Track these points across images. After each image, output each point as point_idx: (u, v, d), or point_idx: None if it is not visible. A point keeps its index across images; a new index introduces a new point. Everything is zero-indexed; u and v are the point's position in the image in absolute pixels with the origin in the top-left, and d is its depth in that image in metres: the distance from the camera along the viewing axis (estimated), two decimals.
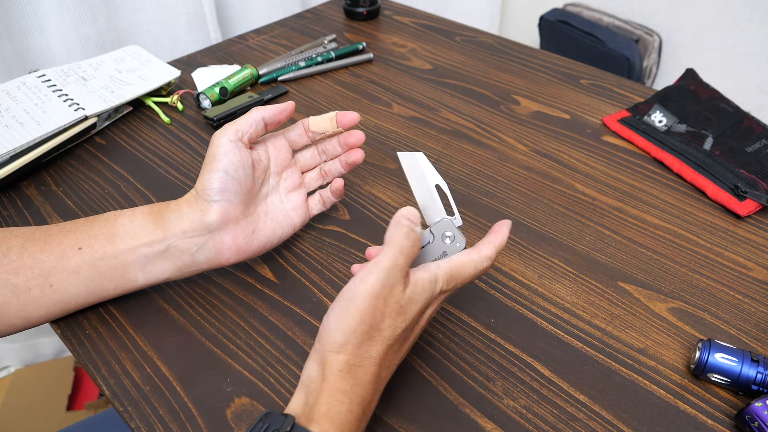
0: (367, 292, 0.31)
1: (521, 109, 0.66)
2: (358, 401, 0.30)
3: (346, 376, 0.30)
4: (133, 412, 0.36)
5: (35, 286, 0.38)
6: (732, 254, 0.48)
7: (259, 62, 0.74)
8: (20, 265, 0.38)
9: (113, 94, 0.62)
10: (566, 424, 0.36)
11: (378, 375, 0.32)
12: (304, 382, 0.31)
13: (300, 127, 0.45)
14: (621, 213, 0.52)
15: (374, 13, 0.86)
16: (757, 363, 0.37)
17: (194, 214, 0.39)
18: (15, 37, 0.83)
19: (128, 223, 0.40)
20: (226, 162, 0.39)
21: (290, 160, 0.46)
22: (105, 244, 0.39)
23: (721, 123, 0.59)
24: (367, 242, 0.49)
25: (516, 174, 0.57)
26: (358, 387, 0.31)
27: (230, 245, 0.41)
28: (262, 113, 0.42)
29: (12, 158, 0.52)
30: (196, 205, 0.40)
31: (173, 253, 0.40)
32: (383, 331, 0.31)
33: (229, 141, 0.40)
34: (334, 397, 0.30)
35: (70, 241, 0.39)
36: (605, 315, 0.43)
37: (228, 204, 0.40)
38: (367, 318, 0.31)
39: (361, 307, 0.31)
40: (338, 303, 0.31)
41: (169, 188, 0.54)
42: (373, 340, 0.31)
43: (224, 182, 0.39)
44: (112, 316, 0.42)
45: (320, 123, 0.45)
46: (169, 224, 0.39)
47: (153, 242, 0.39)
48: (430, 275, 0.33)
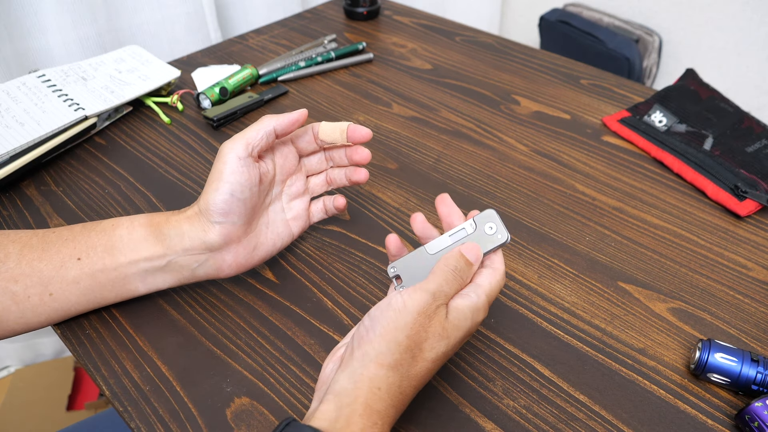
0: (414, 307, 0.31)
1: (521, 109, 0.66)
2: (389, 422, 0.30)
3: (383, 396, 0.30)
4: (133, 412, 0.36)
5: (34, 294, 0.38)
6: (732, 254, 0.48)
7: (259, 62, 0.74)
8: (18, 273, 0.38)
9: (113, 94, 0.62)
10: (566, 424, 0.36)
11: (409, 397, 0.32)
12: (336, 392, 0.30)
13: (309, 134, 0.44)
14: (621, 213, 0.52)
15: (374, 13, 0.86)
16: (757, 363, 0.37)
17: (195, 233, 0.38)
18: (15, 37, 0.83)
19: (126, 236, 0.39)
20: (233, 182, 0.38)
21: (296, 166, 0.45)
22: (104, 256, 0.38)
23: (721, 123, 0.59)
24: (367, 242, 0.49)
25: (516, 174, 0.57)
26: (391, 408, 0.30)
27: (230, 263, 0.40)
28: (274, 124, 0.40)
29: (12, 158, 0.52)
30: (198, 224, 0.38)
31: (174, 267, 0.40)
32: (424, 351, 0.31)
33: (238, 158, 0.38)
34: (369, 419, 0.29)
35: (69, 251, 0.38)
36: (605, 315, 0.43)
37: (231, 226, 0.39)
38: (413, 333, 0.30)
39: (408, 320, 0.31)
40: (386, 312, 0.31)
41: (169, 188, 0.54)
42: (414, 360, 0.31)
43: (229, 204, 0.38)
44: (112, 316, 0.42)
45: (330, 134, 0.43)
46: (170, 241, 0.38)
47: (153, 258, 0.39)
48: (471, 303, 0.33)
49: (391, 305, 0.31)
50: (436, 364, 0.32)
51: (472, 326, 0.33)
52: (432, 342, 0.31)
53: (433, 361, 0.32)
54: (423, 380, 0.32)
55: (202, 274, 0.41)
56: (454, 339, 0.32)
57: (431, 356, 0.31)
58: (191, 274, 0.40)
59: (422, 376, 0.32)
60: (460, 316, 0.32)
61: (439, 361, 0.32)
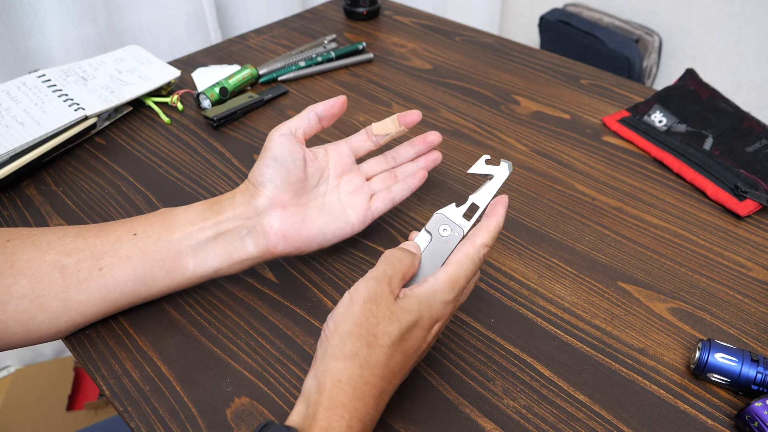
0: (359, 296, 0.32)
1: (521, 109, 0.66)
2: (358, 417, 0.30)
3: (345, 387, 0.30)
4: (133, 412, 0.36)
5: (84, 268, 0.38)
6: (732, 254, 0.48)
7: (259, 62, 0.74)
8: (73, 248, 0.39)
9: (113, 94, 0.62)
10: (566, 424, 0.36)
11: (380, 389, 0.31)
12: (305, 393, 0.31)
13: (363, 133, 0.47)
14: (621, 213, 0.52)
15: (374, 13, 0.86)
16: (757, 363, 0.37)
17: (244, 198, 0.41)
18: (15, 37, 0.83)
19: (183, 213, 0.41)
20: (276, 150, 0.41)
21: (352, 166, 0.46)
22: (160, 230, 0.40)
23: (721, 123, 0.59)
24: (367, 242, 0.49)
25: (516, 174, 0.57)
26: (357, 400, 0.30)
27: (277, 230, 0.41)
28: (315, 109, 0.44)
29: (12, 158, 0.52)
30: (247, 191, 0.42)
31: (225, 237, 0.41)
32: (379, 337, 0.31)
33: (281, 134, 0.42)
34: (334, 412, 0.29)
35: (126, 229, 0.40)
36: (605, 315, 0.43)
37: (275, 188, 0.41)
38: (362, 321, 0.31)
39: (354, 311, 0.31)
40: (338, 310, 0.32)
41: (169, 188, 0.54)
42: (371, 347, 0.31)
43: (273, 168, 0.41)
44: (112, 316, 0.42)
45: (383, 126, 0.46)
46: (222, 207, 0.41)
47: (206, 227, 0.40)
48: (426, 288, 0.33)
49: (341, 302, 0.32)
50: (399, 351, 0.32)
51: (430, 310, 0.33)
52: (384, 326, 0.31)
53: (391, 346, 0.31)
54: (389, 369, 0.32)
55: (252, 245, 0.41)
56: (406, 323, 0.32)
57: (387, 341, 0.31)
58: (241, 244, 0.41)
59: (385, 363, 0.31)
60: (413, 301, 0.33)
61: (400, 347, 0.32)
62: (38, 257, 0.38)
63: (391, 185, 0.47)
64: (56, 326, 0.38)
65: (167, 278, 0.40)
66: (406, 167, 0.48)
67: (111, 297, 0.39)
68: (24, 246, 0.38)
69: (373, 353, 0.31)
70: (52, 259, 0.38)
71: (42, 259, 0.38)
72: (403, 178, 0.48)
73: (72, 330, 0.40)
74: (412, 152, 0.48)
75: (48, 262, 0.38)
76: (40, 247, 0.38)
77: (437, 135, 0.48)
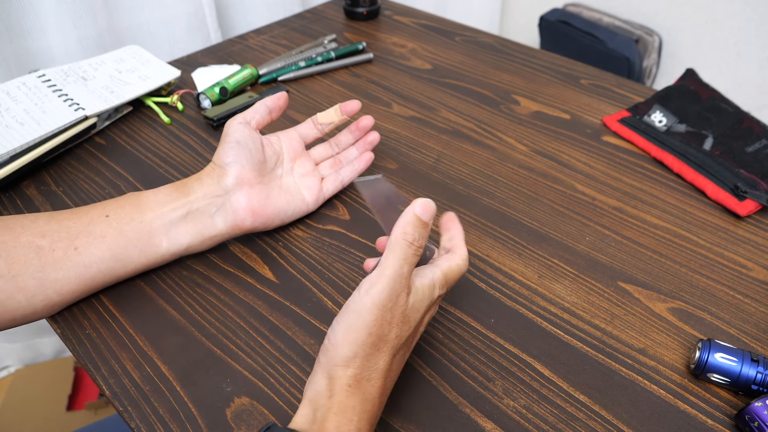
0: (374, 303, 0.31)
1: (521, 109, 0.66)
2: (366, 417, 0.30)
3: (355, 392, 0.30)
4: (133, 412, 0.36)
5: (60, 248, 0.39)
6: (732, 254, 0.48)
7: (259, 62, 0.74)
8: (47, 230, 0.39)
9: (113, 94, 0.62)
10: (566, 424, 0.36)
11: (384, 387, 0.32)
12: (311, 397, 0.31)
13: (309, 122, 0.52)
14: (621, 213, 0.52)
15: (374, 13, 0.86)
16: (757, 363, 0.37)
17: (212, 179, 0.44)
18: (15, 37, 0.83)
19: (153, 195, 0.43)
20: (237, 135, 0.45)
21: (302, 151, 0.51)
22: (132, 212, 0.42)
23: (721, 123, 0.59)
24: (367, 242, 0.49)
25: (516, 174, 0.57)
26: (366, 402, 0.31)
27: (245, 206, 0.44)
28: (264, 102, 0.48)
29: (12, 158, 0.52)
30: (213, 173, 0.44)
31: (195, 215, 0.43)
32: (390, 341, 0.31)
33: (239, 123, 0.45)
34: (344, 415, 0.29)
35: (97, 212, 0.42)
36: (605, 315, 0.43)
37: (241, 168, 0.44)
38: (375, 329, 0.31)
39: (368, 319, 0.31)
40: (344, 316, 0.31)
41: None
42: (380, 351, 0.31)
43: (236, 150, 0.44)
44: (112, 316, 0.42)
45: (327, 115, 0.51)
46: (191, 189, 0.43)
47: (177, 207, 0.42)
48: (428, 282, 0.34)
49: (353, 306, 0.31)
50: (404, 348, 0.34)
51: (429, 303, 0.34)
52: (396, 331, 0.32)
53: (401, 346, 0.33)
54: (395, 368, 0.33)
55: (221, 222, 0.44)
56: (414, 320, 0.33)
57: (397, 342, 0.32)
58: (211, 221, 0.43)
59: (392, 364, 0.32)
60: (419, 296, 0.33)
61: (406, 344, 0.33)
62: (13, 239, 0.38)
63: (339, 169, 0.52)
64: (32, 305, 0.39)
65: (141, 256, 0.42)
66: (349, 152, 0.54)
67: (87, 275, 0.40)
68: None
69: (382, 356, 0.31)
70: (27, 240, 0.39)
71: (17, 240, 0.38)
72: (347, 163, 0.53)
73: (48, 311, 0.40)
74: (351, 138, 0.54)
75: (23, 243, 0.38)
76: (14, 230, 0.39)
77: (369, 119, 0.53)
